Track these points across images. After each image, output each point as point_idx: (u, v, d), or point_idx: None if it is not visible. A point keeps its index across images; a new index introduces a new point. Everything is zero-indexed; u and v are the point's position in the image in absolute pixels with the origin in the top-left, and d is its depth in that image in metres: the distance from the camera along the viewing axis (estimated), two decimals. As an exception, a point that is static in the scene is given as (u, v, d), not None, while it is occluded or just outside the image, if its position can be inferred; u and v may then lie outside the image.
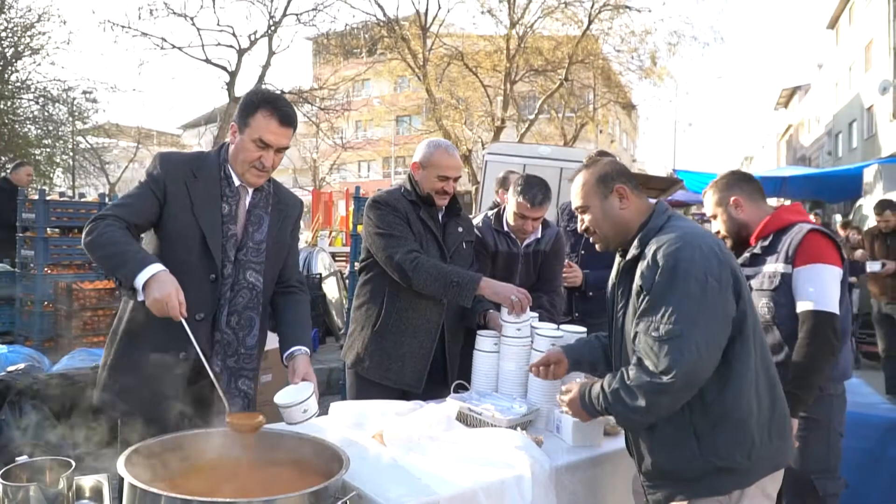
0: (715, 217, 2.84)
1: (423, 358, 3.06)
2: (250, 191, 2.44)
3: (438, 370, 3.11)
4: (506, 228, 3.53)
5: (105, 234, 2.15)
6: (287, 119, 2.35)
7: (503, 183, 4.97)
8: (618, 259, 2.26)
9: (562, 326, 2.90)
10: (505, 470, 2.11)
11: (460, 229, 3.23)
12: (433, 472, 2.08)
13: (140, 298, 2.10)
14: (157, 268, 2.09)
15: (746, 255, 2.72)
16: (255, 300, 2.42)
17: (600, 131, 24.50)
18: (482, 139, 19.02)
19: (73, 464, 1.82)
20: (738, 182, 2.81)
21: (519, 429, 2.47)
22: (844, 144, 31.03)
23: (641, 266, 1.99)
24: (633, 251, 2.06)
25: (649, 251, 1.98)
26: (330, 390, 6.33)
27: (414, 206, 3.09)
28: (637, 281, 2.00)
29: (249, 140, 2.33)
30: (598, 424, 2.51)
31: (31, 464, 1.86)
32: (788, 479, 2.21)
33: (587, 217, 2.18)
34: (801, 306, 2.51)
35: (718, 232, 2.82)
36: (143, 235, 2.37)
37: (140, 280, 2.06)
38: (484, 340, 2.90)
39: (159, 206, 2.30)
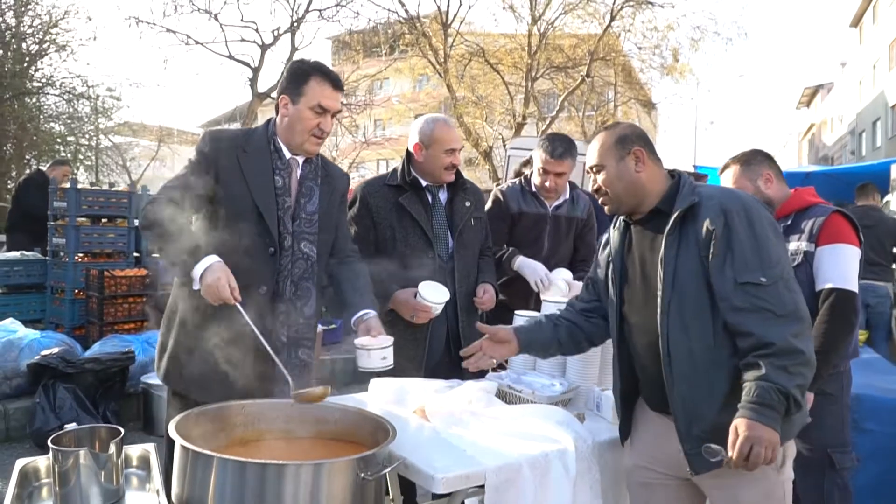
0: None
1: (419, 346, 2.99)
2: (300, 162, 2.48)
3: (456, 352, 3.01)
4: (534, 189, 3.59)
5: (159, 224, 2.21)
6: (338, 82, 2.44)
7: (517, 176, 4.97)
8: (620, 222, 2.25)
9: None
10: (549, 444, 2.11)
11: (468, 203, 3.13)
12: (477, 443, 2.09)
13: (196, 287, 2.17)
14: (211, 259, 2.17)
15: None
16: (310, 270, 2.47)
17: (621, 129, 24.29)
18: (503, 136, 18.96)
19: (122, 431, 1.83)
20: (767, 159, 2.84)
21: (560, 405, 2.46)
22: (868, 143, 30.71)
23: (708, 213, 1.96)
24: (687, 200, 2.01)
25: (708, 200, 1.99)
26: (356, 379, 6.33)
27: (397, 191, 3.02)
28: (706, 225, 1.95)
29: (307, 108, 2.37)
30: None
31: (79, 431, 1.86)
32: (802, 457, 2.17)
33: (601, 177, 2.16)
34: (823, 284, 2.52)
35: None
36: (198, 215, 2.38)
37: (197, 271, 2.15)
38: (522, 321, 2.88)
39: (211, 182, 2.32)
